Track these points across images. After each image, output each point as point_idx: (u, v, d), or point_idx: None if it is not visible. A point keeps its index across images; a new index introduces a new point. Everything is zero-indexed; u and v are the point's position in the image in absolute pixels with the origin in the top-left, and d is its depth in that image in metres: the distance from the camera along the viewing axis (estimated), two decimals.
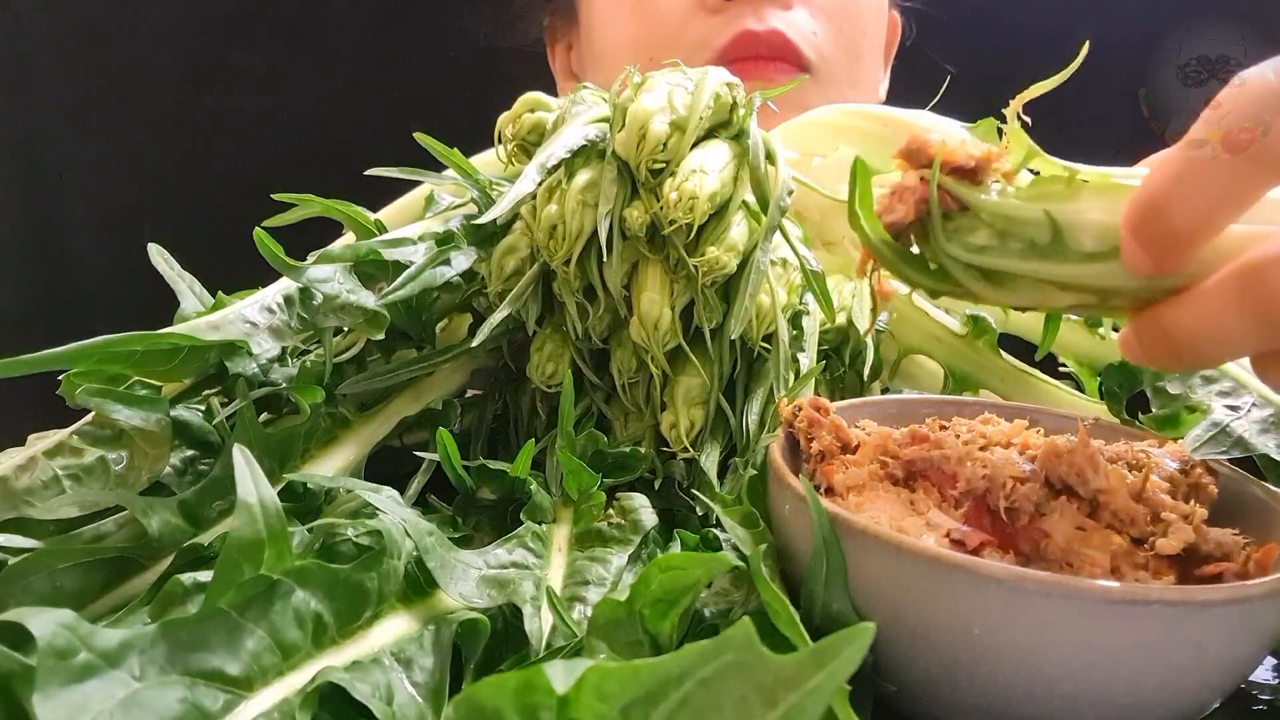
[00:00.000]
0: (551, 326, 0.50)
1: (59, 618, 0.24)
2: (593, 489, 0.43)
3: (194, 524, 0.39)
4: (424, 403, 0.50)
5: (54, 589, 0.34)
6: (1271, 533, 0.34)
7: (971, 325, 0.58)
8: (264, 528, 0.29)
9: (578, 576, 0.39)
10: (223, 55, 1.22)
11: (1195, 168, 0.30)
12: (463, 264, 0.48)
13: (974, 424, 0.41)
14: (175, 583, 0.31)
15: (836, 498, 0.36)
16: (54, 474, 0.38)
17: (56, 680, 0.23)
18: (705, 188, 0.45)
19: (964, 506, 0.34)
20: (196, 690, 0.26)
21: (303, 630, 0.29)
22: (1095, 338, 0.56)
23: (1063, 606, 0.29)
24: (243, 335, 0.41)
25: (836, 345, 0.54)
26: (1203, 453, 0.38)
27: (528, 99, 0.53)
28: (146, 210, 1.22)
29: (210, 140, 1.22)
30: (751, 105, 0.50)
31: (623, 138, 0.46)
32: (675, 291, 0.47)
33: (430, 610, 0.34)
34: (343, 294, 0.44)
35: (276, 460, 0.42)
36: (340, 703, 0.28)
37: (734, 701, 0.21)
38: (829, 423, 0.39)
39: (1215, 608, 0.29)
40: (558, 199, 0.47)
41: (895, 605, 0.31)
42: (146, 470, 0.39)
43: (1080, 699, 0.29)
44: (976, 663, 0.30)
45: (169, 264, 0.46)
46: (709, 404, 0.48)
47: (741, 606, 0.35)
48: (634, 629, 0.31)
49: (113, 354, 0.38)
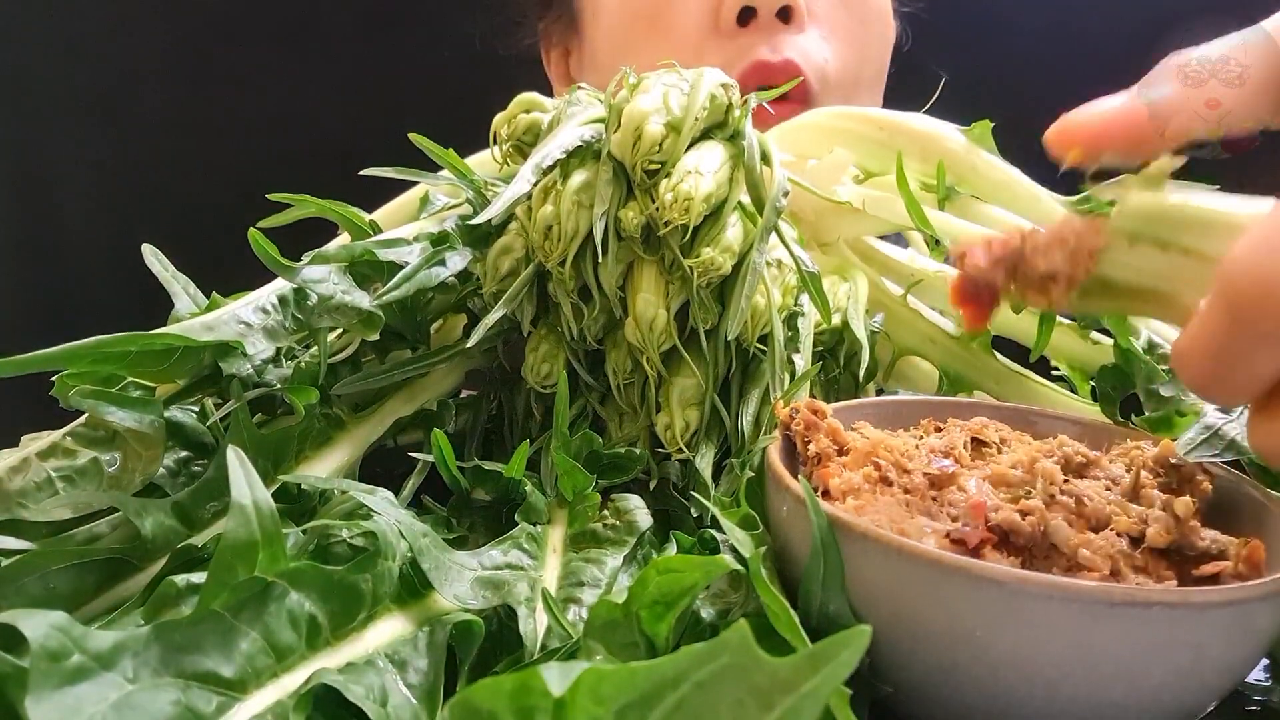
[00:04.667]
0: (546, 327, 0.50)
1: (52, 620, 0.24)
2: (588, 490, 0.43)
3: (188, 525, 0.38)
4: (419, 403, 0.50)
5: (47, 591, 0.34)
6: (1266, 533, 0.34)
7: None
8: (258, 529, 0.29)
9: (573, 578, 0.39)
10: (218, 56, 1.22)
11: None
12: (458, 264, 0.47)
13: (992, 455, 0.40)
14: (169, 584, 0.31)
15: (833, 500, 0.36)
16: (47, 475, 0.38)
17: (49, 683, 0.23)
18: (701, 189, 0.45)
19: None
20: (190, 692, 0.26)
21: (297, 632, 0.29)
22: (1088, 342, 0.56)
23: (1063, 608, 0.28)
24: (237, 336, 0.41)
25: (831, 346, 0.54)
26: (1195, 455, 0.38)
27: (523, 99, 0.53)
28: (140, 211, 1.22)
29: (205, 141, 1.22)
30: (747, 107, 0.50)
31: (618, 138, 0.46)
32: (670, 292, 0.47)
33: (425, 612, 0.34)
34: (337, 294, 0.44)
35: (270, 461, 0.42)
36: (334, 705, 0.28)
37: (730, 704, 0.21)
38: (826, 425, 0.39)
39: (1214, 609, 0.29)
40: (553, 200, 0.47)
41: (895, 607, 0.31)
42: (140, 472, 0.39)
43: (1080, 700, 0.29)
44: (976, 664, 0.30)
45: (163, 265, 0.46)
46: (704, 405, 0.48)
47: (740, 608, 0.35)
48: (630, 631, 0.31)
49: (106, 355, 0.37)
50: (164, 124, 1.23)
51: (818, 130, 0.62)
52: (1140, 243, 0.32)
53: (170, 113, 1.22)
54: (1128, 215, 0.32)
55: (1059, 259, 0.33)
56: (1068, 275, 0.33)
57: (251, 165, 0.91)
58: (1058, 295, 0.33)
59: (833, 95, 0.82)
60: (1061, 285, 0.33)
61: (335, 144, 0.98)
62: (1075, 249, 0.33)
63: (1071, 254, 0.33)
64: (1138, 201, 0.32)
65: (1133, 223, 0.32)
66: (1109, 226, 0.32)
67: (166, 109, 1.23)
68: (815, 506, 0.33)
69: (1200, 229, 0.31)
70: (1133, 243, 0.32)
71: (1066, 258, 0.33)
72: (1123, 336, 0.50)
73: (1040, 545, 0.33)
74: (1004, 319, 0.57)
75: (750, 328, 0.48)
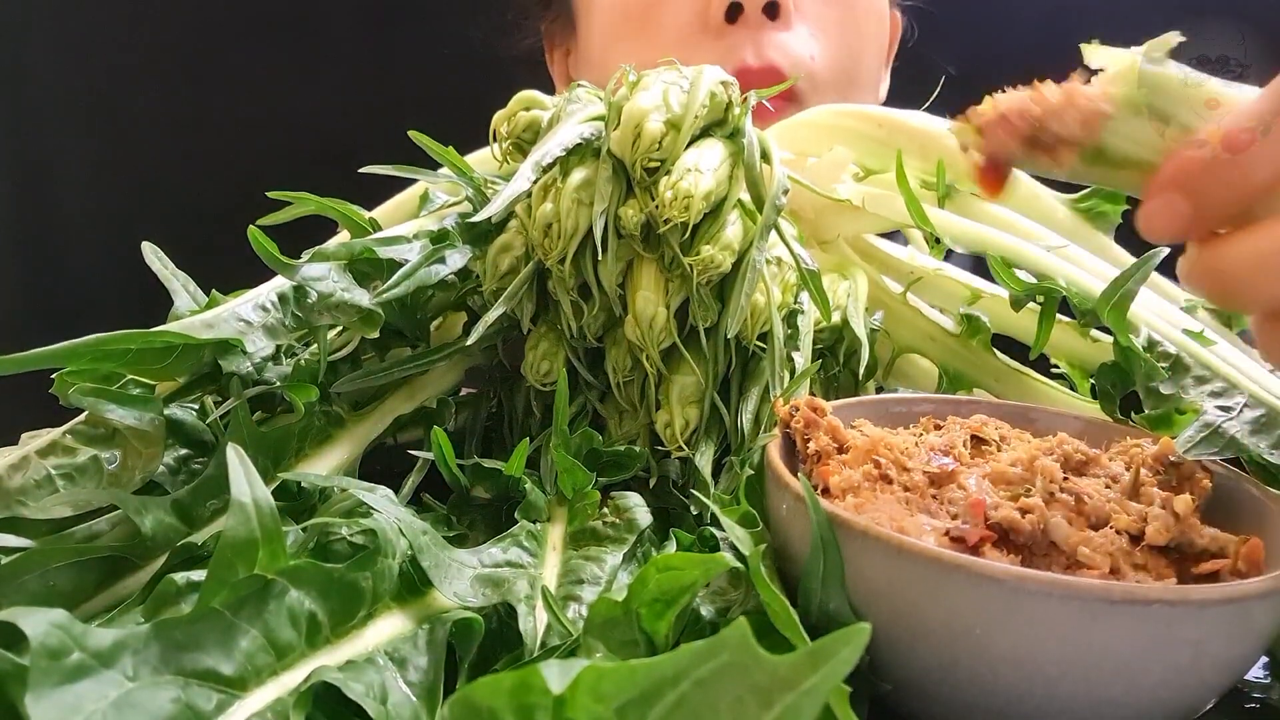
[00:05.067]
0: (546, 325, 0.50)
1: (52, 617, 0.24)
2: (587, 488, 0.43)
3: (188, 523, 0.38)
4: (418, 401, 0.50)
5: (47, 588, 0.34)
6: (1265, 530, 0.34)
7: (965, 324, 0.58)
8: (258, 527, 0.29)
9: (572, 575, 0.39)
10: (217, 54, 1.22)
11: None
12: (457, 262, 0.47)
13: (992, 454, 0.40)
14: (169, 582, 0.31)
15: (833, 498, 0.36)
16: (47, 473, 0.38)
17: (49, 680, 0.23)
18: (700, 186, 0.45)
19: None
20: (190, 690, 0.26)
21: (297, 630, 0.29)
22: (1087, 340, 0.56)
23: (1062, 606, 0.29)
24: (237, 334, 0.41)
25: (831, 344, 0.54)
26: (1195, 453, 0.38)
27: (523, 97, 0.53)
28: (140, 208, 1.21)
29: (204, 138, 1.22)
30: (747, 105, 0.50)
31: (618, 136, 0.46)
32: (670, 290, 0.47)
33: (425, 609, 0.34)
34: (337, 292, 0.44)
35: (270, 459, 0.42)
36: (334, 702, 0.28)
37: (730, 702, 0.21)
38: (825, 423, 0.39)
39: (1214, 607, 0.29)
40: (553, 197, 0.47)
41: (894, 605, 0.31)
42: (140, 469, 0.39)
43: (1079, 698, 0.30)
44: (976, 662, 0.30)
45: (163, 262, 0.46)
46: (704, 403, 0.48)
47: (739, 606, 0.35)
48: (630, 629, 0.31)
49: (106, 352, 0.37)
50: (164, 122, 1.22)
51: (817, 128, 0.62)
52: (1144, 115, 0.33)
53: (170, 111, 1.22)
54: (1138, 84, 0.33)
55: (1074, 124, 0.33)
56: (1078, 139, 0.33)
57: (251, 163, 0.91)
58: (1066, 158, 0.34)
59: (824, 92, 0.82)
60: (1073, 149, 0.34)
61: (335, 142, 0.97)
62: (1089, 115, 0.33)
63: (1085, 120, 0.33)
64: (1149, 73, 0.33)
65: (1142, 93, 0.33)
66: (1119, 95, 0.33)
67: (166, 107, 1.22)
68: (815, 504, 0.33)
69: (1202, 108, 0.32)
70: (1137, 114, 0.33)
71: (1080, 121, 0.33)
72: (1122, 334, 0.50)
73: (1040, 543, 0.33)
74: (1004, 318, 0.57)
75: (750, 325, 0.47)
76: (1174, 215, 0.31)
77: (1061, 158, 0.34)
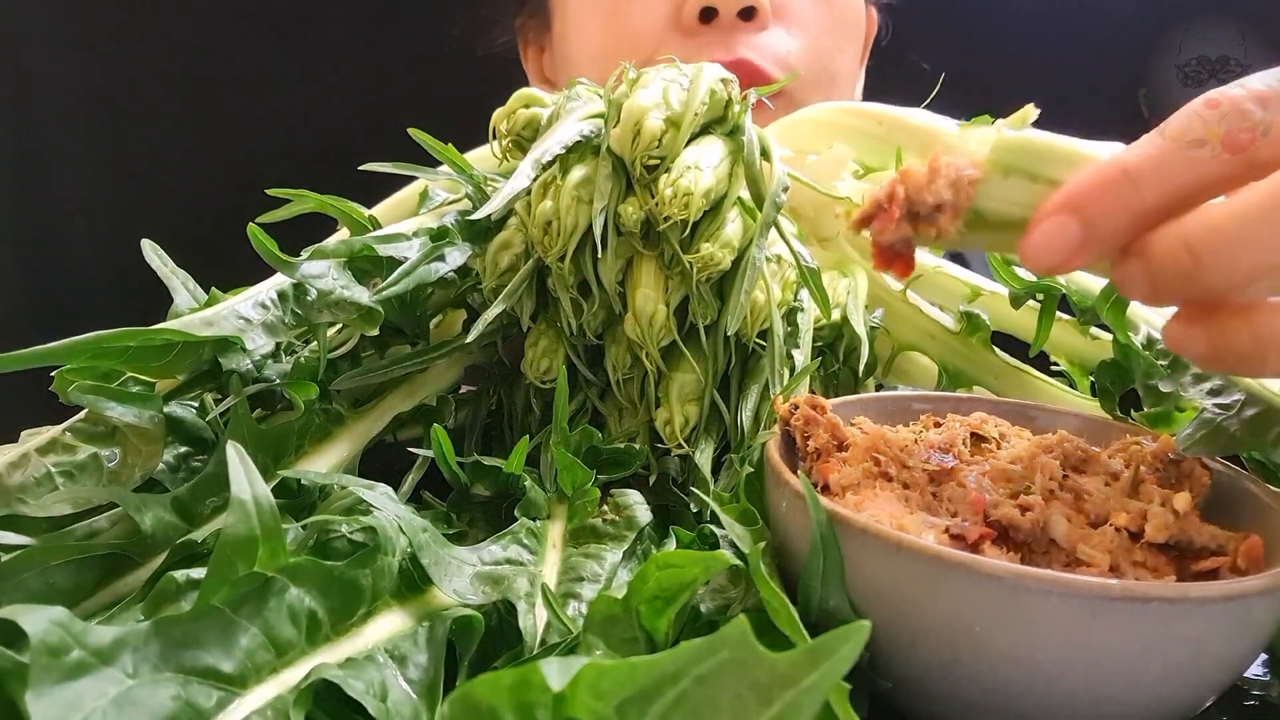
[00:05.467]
0: (546, 322, 0.50)
1: (52, 615, 0.24)
2: (587, 485, 0.43)
3: (187, 521, 0.38)
4: (418, 399, 0.50)
5: (47, 586, 0.34)
6: (1264, 528, 0.34)
7: (965, 322, 0.58)
8: (257, 524, 0.29)
9: (572, 573, 0.39)
10: (217, 52, 1.22)
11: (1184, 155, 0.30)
12: (457, 260, 0.47)
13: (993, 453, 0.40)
14: (168, 580, 0.31)
15: (833, 496, 0.36)
16: (47, 471, 0.38)
17: (49, 678, 0.23)
18: (700, 184, 0.45)
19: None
20: (190, 688, 0.26)
21: (296, 627, 0.29)
22: (1087, 337, 0.57)
23: (1062, 604, 0.29)
24: (236, 331, 0.41)
25: (831, 342, 0.54)
26: (1194, 451, 0.38)
27: (522, 94, 0.53)
28: (140, 206, 1.21)
29: (204, 136, 1.22)
30: (747, 102, 0.50)
31: (618, 134, 0.46)
32: (670, 287, 0.47)
33: (424, 607, 0.34)
34: (337, 290, 0.44)
35: (270, 456, 0.42)
36: (334, 700, 0.28)
37: (730, 699, 0.21)
38: (825, 421, 0.39)
39: (1213, 604, 0.29)
40: (552, 195, 0.47)
41: (894, 603, 0.31)
42: (139, 467, 0.39)
43: (1079, 696, 0.30)
44: (976, 660, 0.30)
45: (162, 260, 0.46)
46: (703, 400, 0.48)
47: (739, 603, 0.35)
48: (630, 626, 0.31)
49: (106, 350, 0.37)
50: (163, 120, 1.22)
51: (817, 125, 0.62)
52: (1013, 175, 0.34)
53: (169, 110, 1.22)
54: (1001, 149, 0.34)
55: (943, 189, 0.34)
56: (953, 204, 0.34)
57: (250, 161, 0.91)
58: (946, 224, 0.34)
59: (806, 90, 0.81)
60: (949, 214, 0.34)
61: (334, 140, 0.97)
62: (956, 179, 0.34)
63: (953, 184, 0.34)
64: (1010, 138, 0.35)
65: (1006, 155, 0.34)
66: (984, 160, 0.34)
67: (166, 106, 1.22)
68: (815, 502, 0.33)
69: (1066, 161, 0.33)
70: (1006, 174, 0.34)
71: (949, 186, 0.34)
72: (1122, 332, 0.50)
73: (1039, 540, 0.33)
74: (1004, 315, 0.57)
75: (750, 323, 0.47)
76: (1063, 239, 0.31)
77: (943, 225, 0.34)
